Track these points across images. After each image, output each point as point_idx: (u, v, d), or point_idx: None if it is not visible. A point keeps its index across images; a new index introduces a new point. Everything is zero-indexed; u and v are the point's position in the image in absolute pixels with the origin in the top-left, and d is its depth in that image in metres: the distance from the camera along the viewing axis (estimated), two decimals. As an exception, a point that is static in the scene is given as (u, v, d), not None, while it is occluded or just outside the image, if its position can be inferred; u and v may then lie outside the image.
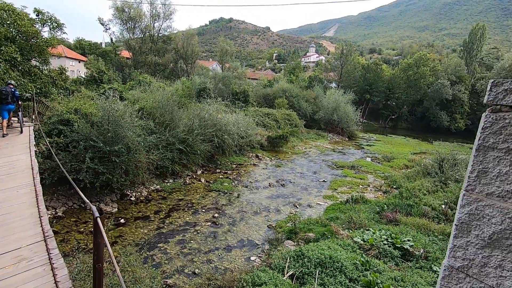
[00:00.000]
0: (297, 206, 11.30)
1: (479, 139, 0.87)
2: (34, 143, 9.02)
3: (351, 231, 7.92)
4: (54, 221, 8.40)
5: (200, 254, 7.58)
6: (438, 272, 5.80)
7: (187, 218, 9.61)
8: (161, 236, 8.35)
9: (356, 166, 18.25)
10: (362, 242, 7.02)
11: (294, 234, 8.40)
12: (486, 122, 0.86)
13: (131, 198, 10.57)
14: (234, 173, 14.84)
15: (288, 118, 26.80)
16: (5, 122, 9.36)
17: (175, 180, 12.96)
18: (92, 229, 8.16)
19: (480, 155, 0.86)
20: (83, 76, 28.70)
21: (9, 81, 9.64)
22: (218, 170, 15.06)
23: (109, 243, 7.74)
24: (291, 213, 10.38)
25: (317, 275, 5.51)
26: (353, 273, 5.55)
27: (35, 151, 8.60)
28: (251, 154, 18.61)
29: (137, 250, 7.47)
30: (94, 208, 1.68)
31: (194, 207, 10.49)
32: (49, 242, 3.69)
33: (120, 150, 9.26)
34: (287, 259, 6.17)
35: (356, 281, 5.36)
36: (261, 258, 7.45)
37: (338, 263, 5.77)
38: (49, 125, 10.16)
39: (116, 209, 9.61)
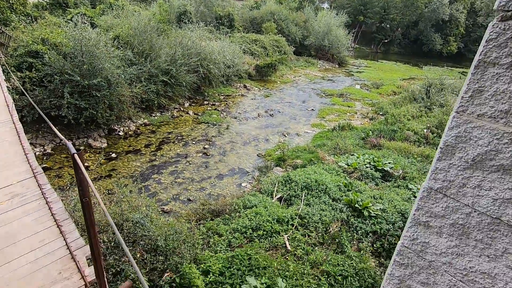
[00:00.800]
0: (286, 135, 11.55)
1: (481, 53, 0.77)
2: (4, 78, 8.39)
3: (336, 157, 8.32)
4: (45, 158, 8.43)
5: (193, 183, 7.97)
6: (413, 190, 6.37)
7: (178, 150, 9.78)
8: (154, 168, 8.61)
9: (344, 93, 18.18)
10: (346, 166, 7.44)
11: (283, 162, 8.79)
12: (491, 33, 0.75)
13: (120, 133, 10.50)
14: (222, 105, 14.63)
15: (276, 44, 25.27)
16: None
17: (163, 113, 12.74)
18: (88, 163, 8.30)
19: (478, 73, 0.78)
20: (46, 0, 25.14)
21: None
22: (206, 102, 14.77)
23: (103, 176, 7.92)
24: (280, 142, 10.67)
25: (303, 196, 5.96)
26: (336, 194, 6.03)
27: (7, 86, 8.06)
28: (238, 84, 18.07)
29: (132, 182, 7.77)
30: (69, 144, 1.60)
31: (184, 140, 10.59)
32: (39, 178, 3.73)
33: (100, 83, 8.75)
34: (275, 184, 6.58)
35: (339, 200, 5.86)
36: (251, 184, 7.92)
37: (323, 186, 6.21)
38: (16, 58, 9.28)
39: (106, 144, 9.62)
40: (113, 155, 9.08)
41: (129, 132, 10.70)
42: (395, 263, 1.01)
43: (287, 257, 4.50)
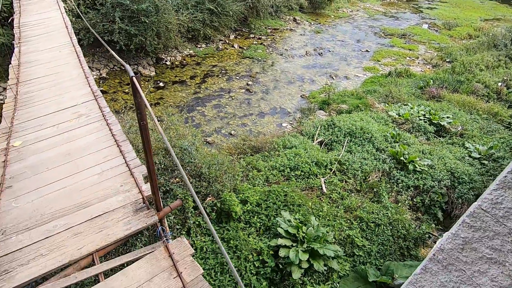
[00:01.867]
0: (333, 77, 10.82)
1: None
2: (61, -1, 8.58)
3: (387, 105, 7.72)
4: (101, 82, 9.02)
5: (235, 118, 8.11)
6: (469, 149, 5.82)
7: (222, 85, 9.79)
8: (198, 100, 8.82)
9: (408, 34, 15.92)
10: (397, 116, 6.92)
11: (327, 105, 8.42)
12: None
13: (167, 62, 10.66)
14: (269, 39, 13.80)
15: (336, -31, 21.92)
16: None
17: (208, 45, 12.47)
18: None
19: None
20: None
21: None
22: (251, 35, 14.02)
23: (152, 103, 8.39)
24: (326, 84, 10.08)
25: (345, 143, 5.80)
26: (382, 144, 5.75)
27: (65, 7, 8.28)
28: (288, 17, 16.62)
29: (178, 112, 8.13)
30: (128, 67, 1.61)
31: (228, 74, 10.48)
32: (100, 101, 4.01)
33: (148, 8, 8.58)
34: (317, 128, 6.43)
35: (383, 151, 5.62)
36: (292, 125, 7.85)
37: (368, 134, 5.93)
38: (69, -22, 9.29)
39: (154, 73, 9.91)
40: (161, 84, 9.39)
41: (176, 62, 10.80)
42: (463, 224, 0.93)
43: (322, 198, 4.62)
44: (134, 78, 1.54)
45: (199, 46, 12.20)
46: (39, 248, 2.09)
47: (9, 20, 7.40)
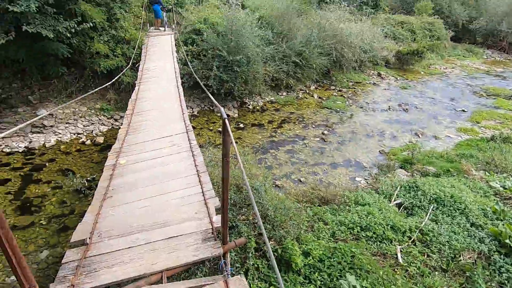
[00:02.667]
0: (420, 135, 9.96)
1: None
2: (176, 49, 10.53)
3: (488, 174, 6.60)
4: (192, 118, 10.31)
5: (306, 165, 8.07)
6: None
7: (297, 131, 10.02)
8: (272, 143, 9.17)
9: (518, 96, 13.86)
10: (501, 188, 5.81)
11: (410, 165, 7.68)
12: None
13: (249, 107, 11.61)
14: (350, 92, 13.84)
15: (429, 28, 21.36)
16: (158, 21, 12.63)
17: (289, 93, 13.20)
18: (221, 129, 9.68)
19: None
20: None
21: None
22: (332, 87, 14.32)
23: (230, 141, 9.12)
24: (411, 142, 9.31)
25: (430, 210, 5.09)
26: (479, 219, 4.85)
27: (177, 57, 10.10)
28: (372, 71, 16.55)
29: (253, 152, 8.57)
30: (222, 109, 1.86)
31: (304, 122, 10.73)
32: (190, 135, 4.59)
33: (241, 60, 9.78)
34: (397, 188, 5.87)
35: (480, 228, 4.71)
36: (367, 180, 7.34)
37: (460, 204, 5.10)
38: (185, 35, 11.44)
39: (237, 115, 10.86)
40: (241, 125, 10.17)
41: (257, 107, 11.67)
42: None
43: (396, 270, 4.03)
44: (226, 119, 1.76)
45: (280, 93, 13.01)
46: (123, 255, 2.38)
47: (136, 66, 9.39)
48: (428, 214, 5.01)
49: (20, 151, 7.70)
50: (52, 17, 7.17)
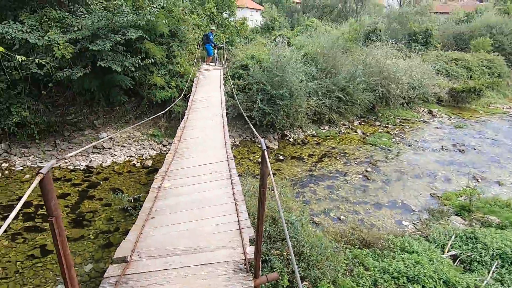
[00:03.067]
0: (479, 179, 8.96)
1: None
2: (223, 82, 11.25)
3: None
4: (233, 148, 10.64)
5: (347, 203, 7.67)
6: None
7: (338, 167, 9.71)
8: (312, 177, 8.97)
9: None
10: None
11: (467, 212, 6.87)
12: None
13: (289, 139, 11.67)
14: (397, 129, 13.21)
15: (488, 65, 19.99)
16: (210, 58, 13.86)
17: (331, 127, 13.04)
18: (260, 160, 9.81)
19: None
20: (259, 24, 31.81)
21: (211, 26, 12.98)
22: (377, 123, 13.84)
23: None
24: (468, 187, 8.39)
25: (493, 267, 4.41)
26: (558, 285, 4.05)
27: (224, 90, 10.76)
28: (422, 108, 15.73)
29: (291, 185, 8.44)
30: (262, 141, 1.93)
31: (346, 157, 10.39)
32: (230, 163, 4.73)
33: (284, 94, 10.06)
34: (451, 237, 5.24)
35: (561, 296, 3.92)
36: (415, 226, 6.69)
37: (533, 264, 4.35)
38: (233, 70, 12.25)
39: (277, 147, 10.95)
40: (281, 157, 10.19)
41: (297, 140, 11.68)
42: None
43: (451, 334, 3.48)
44: (265, 151, 1.81)
45: (322, 127, 12.91)
46: (158, 276, 2.45)
47: (187, 96, 10.21)
48: (491, 271, 4.34)
49: (81, 169, 8.58)
50: (121, 54, 8.26)
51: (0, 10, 7.83)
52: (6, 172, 8.11)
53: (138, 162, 9.11)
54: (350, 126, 13.34)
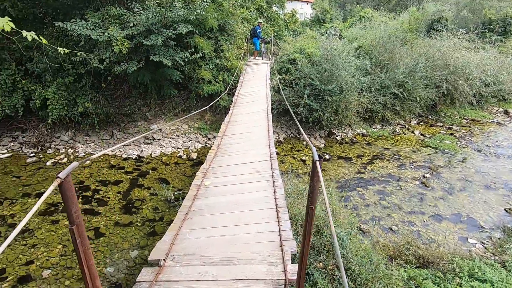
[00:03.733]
0: None
1: None
2: (270, 77, 10.99)
3: None
4: (277, 144, 10.37)
5: (400, 212, 6.92)
6: None
7: (391, 170, 8.86)
8: (360, 180, 8.30)
9: None
10: None
11: (556, 236, 5.69)
12: None
13: (337, 138, 11.00)
14: (463, 130, 11.66)
15: None
16: (256, 52, 13.71)
17: (384, 127, 12.01)
18: (304, 158, 9.42)
19: None
20: (309, 17, 30.69)
21: (259, 20, 12.82)
22: (439, 123, 12.38)
23: None
24: (556, 204, 7.00)
25: None
26: None
27: (270, 85, 10.50)
28: (496, 108, 13.68)
29: (337, 187, 7.91)
30: (314, 150, 1.63)
31: (400, 160, 9.45)
32: (273, 163, 4.48)
33: (334, 89, 9.44)
34: (536, 266, 4.33)
35: None
36: (485, 246, 5.74)
37: None
38: (280, 64, 11.90)
39: (323, 145, 10.39)
40: (327, 156, 9.64)
41: (346, 139, 10.96)
42: None
43: None
44: (317, 162, 1.52)
45: (373, 126, 11.95)
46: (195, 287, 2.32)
47: (233, 91, 10.18)
48: None
49: (133, 158, 9.10)
50: (172, 49, 8.47)
51: (70, 9, 8.53)
52: (71, 157, 8.94)
53: (184, 154, 9.37)
54: (406, 126, 12.13)
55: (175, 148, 9.78)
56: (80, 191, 7.38)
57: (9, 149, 9.17)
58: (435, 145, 10.37)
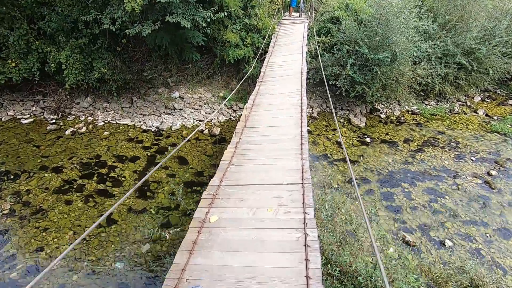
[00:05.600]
0: None
1: None
2: (306, 42, 9.33)
3: None
4: (310, 121, 9.14)
5: (456, 220, 5.73)
6: None
7: (446, 162, 7.43)
8: (406, 173, 7.04)
9: None
10: None
11: None
12: None
13: (381, 115, 9.46)
14: (544, 113, 9.49)
15: None
16: (292, 9, 11.84)
17: (438, 103, 10.14)
18: (340, 140, 8.18)
19: None
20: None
21: None
22: (511, 102, 10.20)
23: (350, 160, 7.42)
24: None
25: None
26: None
27: (306, 51, 8.91)
28: None
29: (377, 180, 6.77)
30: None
31: (459, 149, 7.90)
32: (305, 190, 3.32)
33: (385, 59, 7.72)
34: None
35: None
36: None
37: None
38: (320, 23, 10.06)
39: (364, 124, 8.98)
40: (367, 139, 8.32)
41: (391, 117, 9.39)
42: None
43: None
44: None
45: (426, 102, 10.12)
46: None
47: (262, 58, 8.79)
48: None
49: (153, 130, 8.47)
50: (193, 6, 7.17)
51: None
52: (90, 126, 8.53)
53: (206, 129, 8.56)
54: (468, 103, 10.15)
55: (197, 120, 8.98)
56: (96, 168, 6.99)
57: (31, 114, 8.94)
58: (504, 130, 8.54)
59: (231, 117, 9.23)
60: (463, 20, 9.57)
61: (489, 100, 10.48)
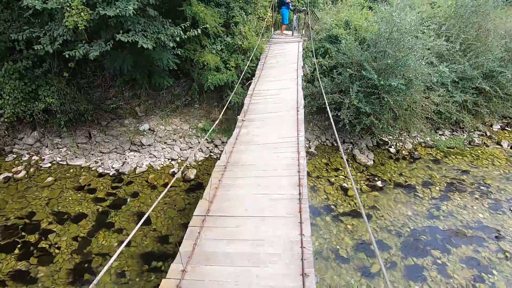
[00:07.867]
0: None
1: None
2: (302, 64, 7.88)
3: None
4: (308, 158, 7.54)
5: (517, 315, 4.09)
6: None
7: (480, 215, 5.88)
8: (434, 233, 5.43)
9: None
10: None
11: None
12: None
13: (390, 149, 7.95)
14: None
15: None
16: (284, 26, 10.41)
17: (453, 133, 8.74)
18: (346, 185, 6.53)
19: None
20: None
21: None
22: (536, 131, 8.87)
23: (357, 214, 5.58)
24: None
25: None
26: None
27: (302, 75, 7.44)
28: None
29: (399, 245, 5.14)
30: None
31: (491, 194, 6.39)
32: (304, 227, 1.73)
33: (399, 86, 6.26)
34: None
35: None
36: None
37: None
38: (316, 42, 8.67)
39: (372, 162, 7.43)
40: (378, 182, 6.74)
41: (403, 151, 7.89)
42: None
43: None
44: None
45: (439, 132, 8.70)
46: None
47: (247, 84, 7.28)
48: None
49: (111, 173, 6.75)
50: (159, 22, 5.64)
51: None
52: (32, 169, 6.76)
53: (178, 170, 6.87)
54: (487, 133, 8.75)
55: (168, 159, 7.30)
56: (22, 233, 5.18)
57: (-40, 153, 7.14)
58: (539, 168, 7.10)
59: (211, 154, 7.59)
60: (479, 39, 8.31)
61: (509, 129, 9.14)
